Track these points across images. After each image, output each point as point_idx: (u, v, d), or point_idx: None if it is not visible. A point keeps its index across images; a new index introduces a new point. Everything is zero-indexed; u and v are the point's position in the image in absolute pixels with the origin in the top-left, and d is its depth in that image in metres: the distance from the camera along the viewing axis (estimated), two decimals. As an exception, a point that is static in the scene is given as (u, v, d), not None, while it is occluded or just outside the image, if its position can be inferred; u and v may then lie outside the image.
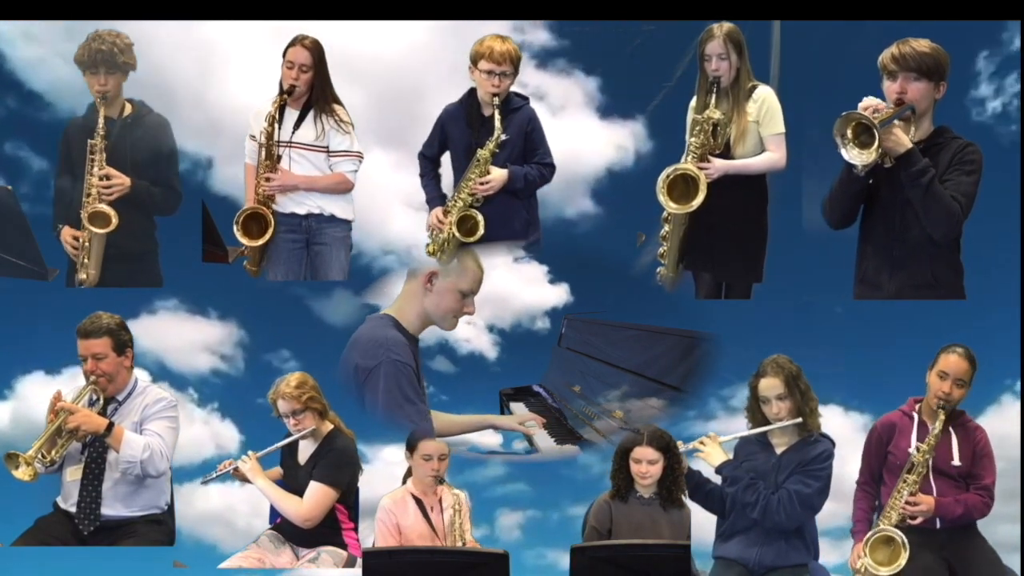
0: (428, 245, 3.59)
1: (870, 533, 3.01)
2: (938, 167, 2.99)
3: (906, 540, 2.93)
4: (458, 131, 3.54)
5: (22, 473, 3.02)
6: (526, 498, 3.44)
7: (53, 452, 3.07)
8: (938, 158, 3.01)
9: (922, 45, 3.01)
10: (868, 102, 2.99)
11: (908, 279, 3.09)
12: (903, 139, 2.97)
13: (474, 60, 3.42)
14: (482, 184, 3.45)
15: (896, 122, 2.97)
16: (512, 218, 3.53)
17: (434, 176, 3.64)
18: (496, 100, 3.40)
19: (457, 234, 3.48)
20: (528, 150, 3.50)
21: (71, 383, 3.23)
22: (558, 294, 3.97)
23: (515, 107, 3.48)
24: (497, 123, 3.41)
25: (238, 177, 3.64)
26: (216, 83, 3.92)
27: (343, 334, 3.03)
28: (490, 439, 3.52)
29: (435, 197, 3.61)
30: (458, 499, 3.11)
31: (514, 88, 3.49)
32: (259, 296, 3.82)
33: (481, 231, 3.46)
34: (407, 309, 2.97)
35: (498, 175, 3.46)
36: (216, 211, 3.65)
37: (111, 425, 3.08)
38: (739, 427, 3.19)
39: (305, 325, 3.93)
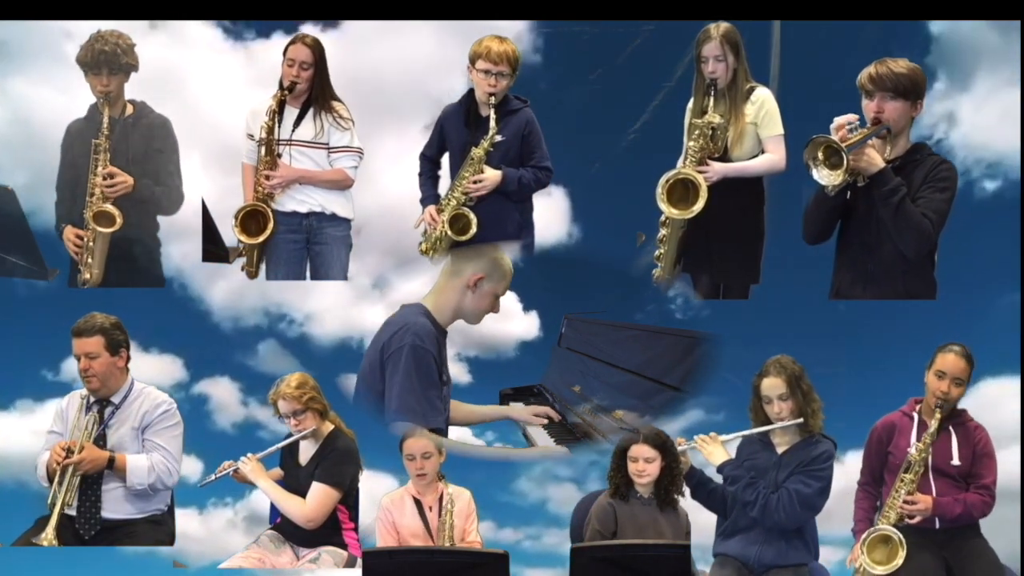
0: (421, 243, 3.59)
1: (867, 532, 3.02)
2: (912, 184, 3.05)
3: (903, 539, 2.95)
4: (456, 131, 3.53)
5: (48, 543, 3.02)
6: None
7: (67, 497, 3.07)
8: (912, 175, 3.07)
9: (899, 65, 3.06)
10: (841, 120, 3.04)
11: (881, 293, 3.15)
12: (876, 159, 3.04)
13: (472, 60, 3.41)
14: (475, 183, 3.45)
15: (871, 141, 3.02)
16: (506, 220, 3.52)
17: (431, 176, 3.64)
18: (492, 100, 3.38)
19: (449, 232, 3.48)
20: (525, 153, 3.48)
21: (22, 419, 3.21)
22: (528, 324, 4.02)
23: (513, 109, 3.47)
24: (492, 122, 3.40)
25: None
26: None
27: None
28: (473, 441, 3.55)
29: (429, 196, 3.62)
30: (450, 498, 3.13)
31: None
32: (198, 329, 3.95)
33: (474, 230, 3.46)
34: (441, 302, 3.02)
35: (491, 175, 3.45)
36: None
37: (113, 458, 3.10)
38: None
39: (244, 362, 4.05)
